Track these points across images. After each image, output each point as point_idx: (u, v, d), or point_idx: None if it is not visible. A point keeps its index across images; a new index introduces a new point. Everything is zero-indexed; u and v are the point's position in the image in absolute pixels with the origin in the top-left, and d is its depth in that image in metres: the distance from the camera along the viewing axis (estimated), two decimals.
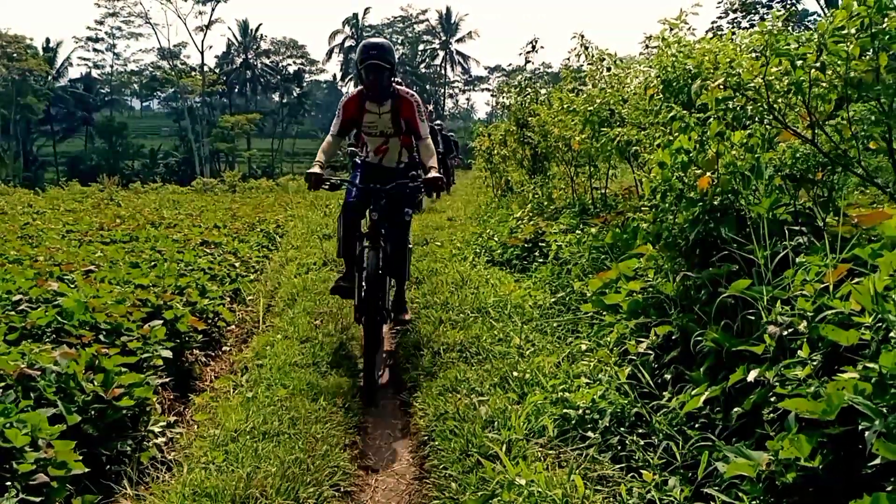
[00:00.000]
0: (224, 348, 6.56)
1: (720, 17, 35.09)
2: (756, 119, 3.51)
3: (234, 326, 7.08)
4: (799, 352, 2.66)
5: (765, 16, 34.48)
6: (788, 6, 34.62)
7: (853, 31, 3.03)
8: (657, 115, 4.64)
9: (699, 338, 3.35)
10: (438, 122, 18.48)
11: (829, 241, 3.10)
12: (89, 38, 79.05)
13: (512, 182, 13.89)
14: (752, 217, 3.49)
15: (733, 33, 4.57)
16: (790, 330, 2.83)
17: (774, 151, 3.71)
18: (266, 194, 28.55)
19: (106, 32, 77.24)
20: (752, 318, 3.17)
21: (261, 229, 12.94)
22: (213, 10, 68.40)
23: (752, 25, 34.34)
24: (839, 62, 3.08)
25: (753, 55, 3.57)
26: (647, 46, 6.32)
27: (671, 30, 4.95)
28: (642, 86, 5.24)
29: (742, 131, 3.57)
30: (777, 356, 2.82)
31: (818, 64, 3.12)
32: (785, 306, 3.02)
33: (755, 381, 2.77)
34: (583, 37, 7.38)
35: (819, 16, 33.58)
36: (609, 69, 6.96)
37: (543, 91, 10.86)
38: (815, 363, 2.61)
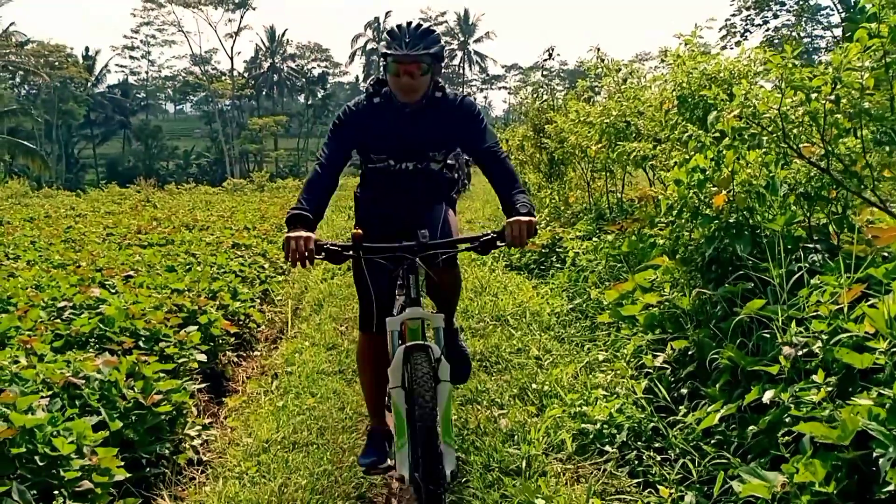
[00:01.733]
0: (255, 349, 6.59)
1: (733, 15, 34.58)
2: (771, 147, 3.47)
3: (263, 327, 7.11)
4: (814, 376, 2.62)
5: (778, 13, 33.99)
6: (801, 3, 34.13)
7: (867, 63, 2.99)
8: (673, 128, 4.59)
9: (715, 355, 3.31)
10: None
11: (844, 259, 3.05)
12: (126, 47, 79.61)
13: (529, 184, 13.83)
14: (767, 234, 3.45)
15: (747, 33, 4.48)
16: (805, 350, 2.79)
17: (789, 169, 3.66)
18: (293, 193, 28.63)
19: (141, 41, 77.63)
20: (768, 335, 3.13)
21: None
22: (241, 17, 68.51)
23: (766, 22, 33.95)
24: (854, 93, 3.03)
25: (769, 86, 3.51)
26: (662, 60, 6.26)
27: (686, 45, 4.89)
28: (658, 99, 5.19)
29: (758, 150, 3.53)
30: (792, 377, 2.78)
31: (833, 97, 3.08)
32: (800, 327, 2.98)
33: (770, 401, 2.74)
34: (599, 49, 7.34)
35: (832, 10, 33.15)
36: (625, 80, 6.90)
37: (560, 91, 10.76)
38: (829, 387, 2.56)
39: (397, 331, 3.12)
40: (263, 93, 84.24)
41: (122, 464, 3.29)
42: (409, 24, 3.26)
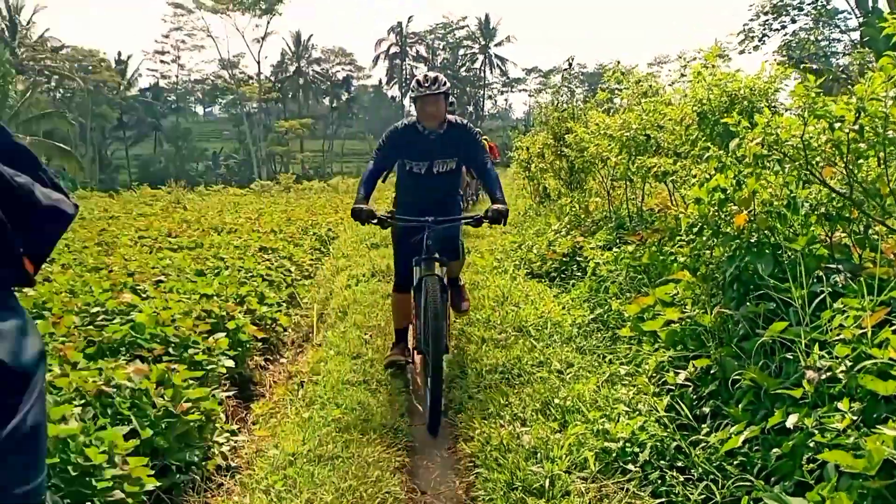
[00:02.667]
0: (281, 353, 6.59)
1: (751, 20, 34.21)
2: (794, 173, 3.40)
3: (290, 331, 7.11)
4: (839, 404, 2.55)
5: (796, 17, 33.59)
6: (818, 7, 33.71)
7: (892, 93, 2.92)
8: (693, 144, 4.52)
9: (737, 376, 3.25)
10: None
11: (867, 281, 2.98)
12: (156, 51, 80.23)
13: (549, 189, 13.76)
14: (789, 254, 3.39)
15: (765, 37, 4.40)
16: (828, 374, 2.73)
17: (809, 188, 3.59)
18: (318, 195, 28.74)
19: (171, 45, 78.19)
20: (790, 357, 3.07)
21: (313, 233, 13.02)
22: (268, 23, 68.74)
23: (784, 27, 33.59)
24: (878, 122, 2.97)
25: (793, 114, 3.43)
26: (682, 75, 6.19)
27: (706, 62, 4.82)
28: (678, 113, 5.11)
29: (777, 167, 3.47)
30: (815, 401, 2.72)
31: (857, 126, 3.01)
32: (823, 350, 2.91)
33: (794, 426, 2.68)
34: (615, 70, 7.27)
35: (849, 14, 32.74)
36: (645, 93, 6.81)
37: (579, 92, 10.67)
38: (853, 414, 2.50)
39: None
40: (289, 96, 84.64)
41: (153, 472, 3.29)
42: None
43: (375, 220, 4.79)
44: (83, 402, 3.56)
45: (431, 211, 4.99)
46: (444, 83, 4.96)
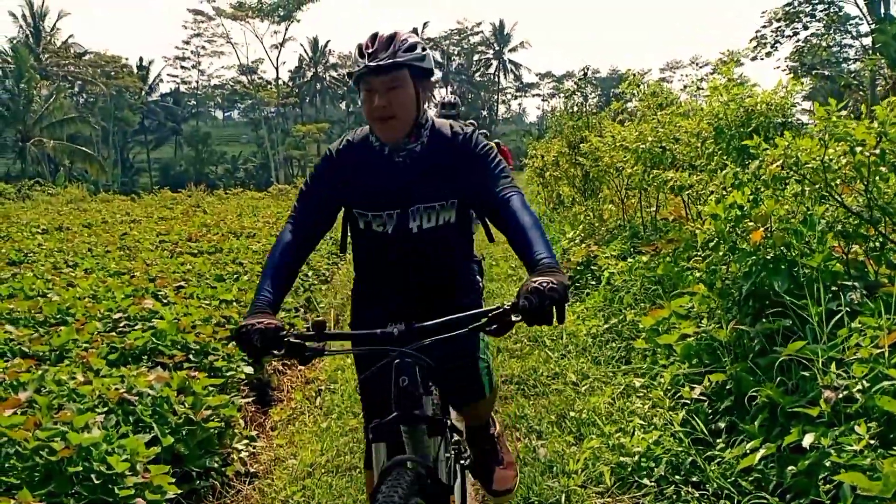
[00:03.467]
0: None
1: (764, 27, 34.03)
2: (813, 195, 3.37)
3: None
4: (856, 427, 2.52)
5: (808, 24, 33.39)
6: (831, 13, 33.49)
7: None
8: (710, 157, 4.49)
9: (754, 392, 3.21)
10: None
11: (883, 300, 2.95)
12: (177, 57, 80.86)
13: (563, 196, 13.72)
14: (805, 271, 3.35)
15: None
16: (845, 393, 2.70)
17: (826, 204, 3.56)
18: None
19: (192, 51, 78.75)
20: (807, 374, 3.04)
21: (330, 237, 13.04)
22: (286, 29, 68.97)
23: (796, 34, 33.39)
24: None
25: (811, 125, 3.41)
26: (698, 88, 6.15)
27: (723, 77, 4.78)
28: (694, 126, 5.07)
29: (795, 186, 3.44)
30: (832, 421, 2.69)
31: (878, 150, 2.98)
32: (839, 368, 2.88)
33: (810, 445, 2.65)
34: (635, 75, 7.24)
35: (860, 19, 32.49)
36: (662, 106, 6.77)
37: (592, 97, 10.62)
38: (871, 436, 2.47)
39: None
40: (307, 100, 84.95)
41: (174, 480, 3.29)
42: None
43: (282, 350, 2.07)
44: (106, 409, 3.57)
45: (414, 310, 2.40)
46: (414, 46, 2.41)
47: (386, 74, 2.35)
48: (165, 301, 5.98)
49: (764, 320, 3.46)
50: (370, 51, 2.35)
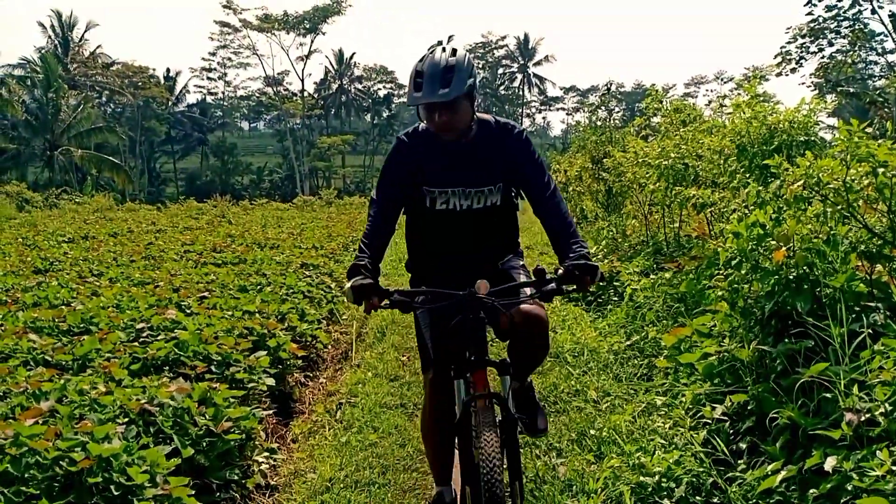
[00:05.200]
0: (320, 369, 6.62)
1: (788, 43, 33.76)
2: (835, 216, 3.34)
3: (329, 347, 7.15)
4: (878, 453, 2.49)
5: (833, 41, 33.11)
6: (856, 29, 33.18)
7: None
8: (732, 175, 4.46)
9: (775, 413, 3.18)
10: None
11: None
12: (204, 69, 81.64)
13: (586, 210, 13.70)
14: (828, 291, 3.32)
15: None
16: (868, 416, 2.67)
17: (848, 224, 3.52)
18: (359, 210, 28.95)
19: (218, 63, 79.44)
20: (829, 396, 3.00)
21: (354, 249, 13.10)
22: (312, 41, 69.75)
23: (821, 50, 33.12)
24: None
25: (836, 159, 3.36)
26: (721, 105, 6.12)
27: (746, 94, 4.76)
28: (717, 144, 5.04)
29: (818, 205, 3.41)
30: (854, 444, 2.66)
31: None
32: (862, 391, 2.85)
33: (832, 468, 2.62)
34: (658, 91, 7.23)
35: (885, 36, 32.16)
36: (685, 122, 6.75)
37: (617, 112, 10.62)
38: (893, 459, 2.44)
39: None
40: (332, 112, 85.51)
41: (194, 492, 3.30)
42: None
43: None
44: (127, 420, 3.60)
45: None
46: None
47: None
48: (188, 311, 6.03)
49: (786, 340, 3.43)
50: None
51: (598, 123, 11.60)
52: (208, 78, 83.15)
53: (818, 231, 3.44)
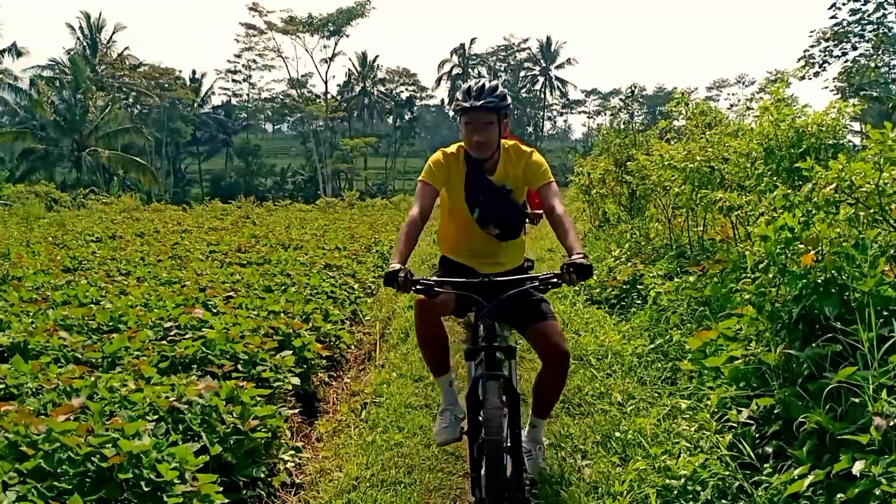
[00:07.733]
0: (344, 370, 6.65)
1: (812, 46, 33.42)
2: (868, 220, 3.30)
3: (353, 348, 7.18)
4: None
5: (857, 44, 32.76)
6: (880, 33, 32.80)
7: None
8: (759, 178, 4.43)
9: (803, 418, 3.16)
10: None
11: None
12: (229, 71, 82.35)
13: (609, 213, 13.65)
14: (857, 295, 3.29)
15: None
16: None
17: (878, 228, 3.48)
18: (381, 212, 29.08)
19: (243, 65, 79.96)
20: (857, 401, 2.98)
21: (376, 250, 13.17)
22: (336, 44, 70.03)
23: (844, 54, 32.78)
24: None
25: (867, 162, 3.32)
26: (747, 108, 6.08)
27: (772, 97, 4.72)
28: (743, 147, 5.00)
29: (848, 208, 3.38)
30: (883, 449, 2.63)
31: None
32: (891, 395, 2.82)
33: (860, 473, 2.60)
34: (683, 94, 7.19)
35: None
36: (710, 125, 6.70)
37: (639, 115, 10.56)
38: None
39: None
40: (355, 115, 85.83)
41: (221, 489, 3.33)
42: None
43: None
44: (156, 417, 3.64)
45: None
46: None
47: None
48: (215, 311, 6.09)
49: (814, 345, 3.40)
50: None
51: (621, 126, 11.55)
52: (233, 80, 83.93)
53: (847, 235, 3.40)
